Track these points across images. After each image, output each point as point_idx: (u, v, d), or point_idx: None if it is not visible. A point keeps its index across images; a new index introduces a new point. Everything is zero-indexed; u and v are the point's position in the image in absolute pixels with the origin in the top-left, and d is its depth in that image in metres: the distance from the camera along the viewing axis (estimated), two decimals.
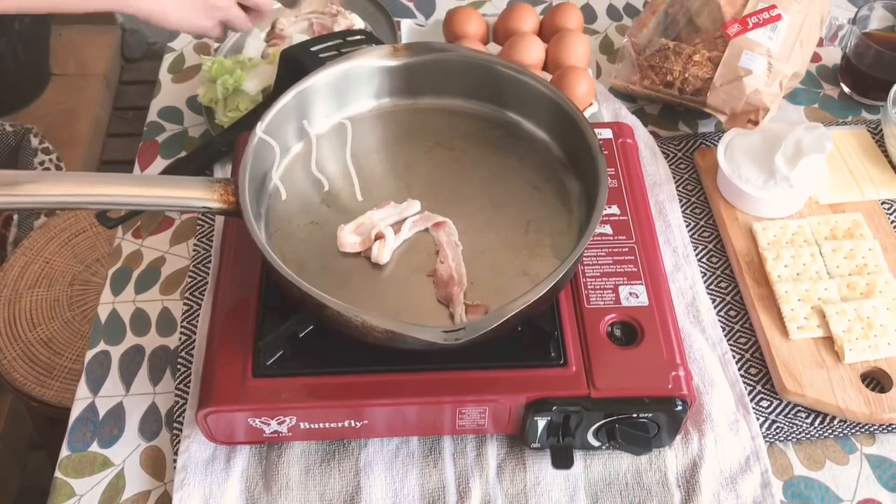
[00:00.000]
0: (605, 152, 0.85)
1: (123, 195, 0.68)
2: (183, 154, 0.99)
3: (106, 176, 0.68)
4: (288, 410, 0.69)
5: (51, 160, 1.80)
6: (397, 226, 0.74)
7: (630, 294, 0.74)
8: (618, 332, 0.73)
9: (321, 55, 0.96)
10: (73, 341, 1.21)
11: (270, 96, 0.95)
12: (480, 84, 0.81)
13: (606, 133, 0.86)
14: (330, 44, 0.97)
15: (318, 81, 0.77)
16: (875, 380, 0.79)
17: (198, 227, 0.91)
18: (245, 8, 0.93)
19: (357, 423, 0.71)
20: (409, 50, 0.80)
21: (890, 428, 0.77)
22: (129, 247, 0.91)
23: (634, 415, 0.69)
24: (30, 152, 1.79)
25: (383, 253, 0.72)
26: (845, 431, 0.77)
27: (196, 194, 0.69)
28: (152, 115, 1.03)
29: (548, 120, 0.79)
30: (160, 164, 0.98)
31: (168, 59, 1.10)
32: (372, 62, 0.80)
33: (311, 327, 0.71)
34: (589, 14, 1.15)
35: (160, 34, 2.42)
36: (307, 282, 0.64)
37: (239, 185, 0.68)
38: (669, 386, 0.69)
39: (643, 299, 0.74)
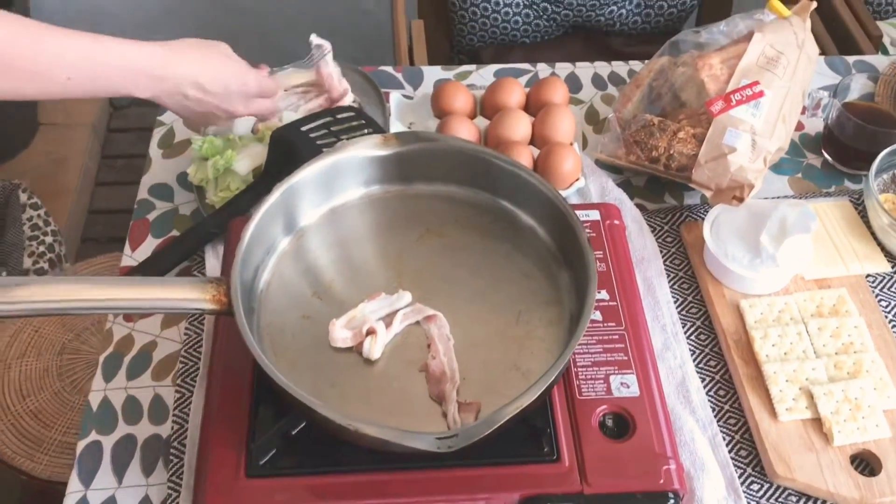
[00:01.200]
0: (593, 234, 0.86)
1: (114, 300, 0.69)
2: (174, 233, 0.99)
3: (97, 280, 0.69)
4: None
5: (39, 215, 1.79)
6: (388, 319, 0.75)
7: (621, 384, 0.75)
8: (609, 423, 0.74)
9: (311, 134, 0.97)
10: (62, 413, 1.20)
11: (261, 177, 0.96)
12: (470, 172, 0.83)
13: (594, 214, 0.87)
14: (320, 122, 0.98)
15: (307, 175, 0.78)
16: (864, 462, 0.80)
17: None
18: None
19: None
20: (399, 139, 0.82)
21: None
22: (120, 331, 0.91)
23: None
24: (18, 208, 1.78)
25: (374, 349, 0.73)
26: None
27: (188, 296, 0.70)
28: (143, 193, 1.04)
29: (537, 209, 0.80)
30: (151, 242, 0.99)
31: (158, 133, 1.11)
32: (361, 152, 0.81)
33: (304, 424, 0.71)
34: (574, 83, 1.17)
35: None
36: (298, 379, 0.65)
37: (231, 287, 0.69)
38: (661, 481, 0.70)
39: (634, 389, 0.75)
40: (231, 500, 0.68)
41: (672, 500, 0.69)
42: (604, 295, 0.81)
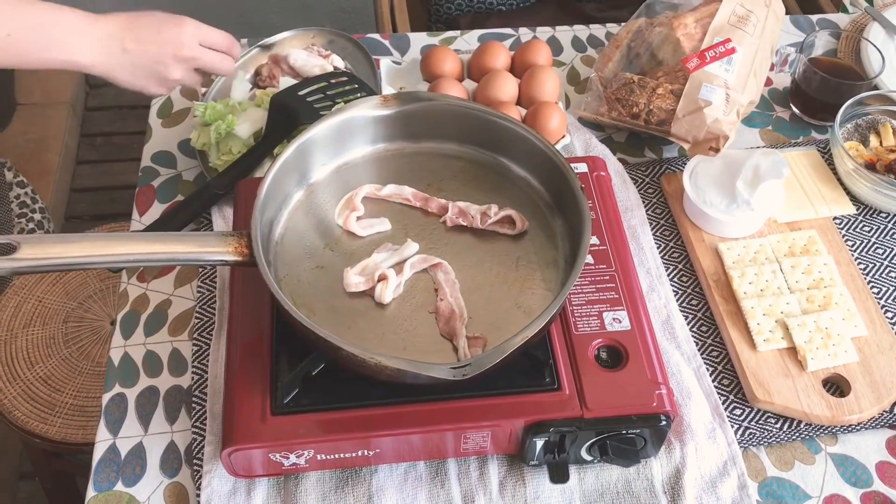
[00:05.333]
0: (582, 186, 0.91)
1: (142, 253, 0.73)
2: (179, 198, 1.03)
3: (126, 236, 0.73)
4: (306, 444, 0.74)
5: (26, 193, 1.81)
6: (398, 267, 0.80)
7: (614, 319, 0.81)
8: (604, 356, 0.80)
9: (308, 98, 1.02)
10: (72, 377, 1.24)
11: (262, 140, 1.00)
12: (467, 128, 0.88)
13: (582, 167, 0.93)
14: (316, 87, 1.03)
15: (318, 133, 0.83)
16: (835, 385, 0.87)
17: (200, 270, 0.95)
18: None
19: (369, 452, 0.77)
20: (399, 99, 0.86)
21: (850, 429, 0.85)
22: (135, 291, 0.95)
23: (623, 431, 0.76)
24: (5, 186, 1.80)
25: (386, 293, 0.78)
26: (811, 434, 0.85)
27: (211, 248, 0.74)
28: (146, 161, 1.08)
29: (531, 162, 0.86)
30: (158, 207, 1.03)
31: (156, 104, 1.14)
32: (365, 112, 0.85)
33: (323, 365, 0.77)
34: (555, 46, 1.22)
35: None
36: (317, 323, 0.70)
37: (252, 239, 0.73)
38: (654, 404, 0.76)
39: (626, 324, 0.81)
40: (260, 436, 0.73)
41: (664, 422, 0.76)
42: (594, 240, 0.87)
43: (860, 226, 1.01)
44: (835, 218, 1.01)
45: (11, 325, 1.28)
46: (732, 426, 0.84)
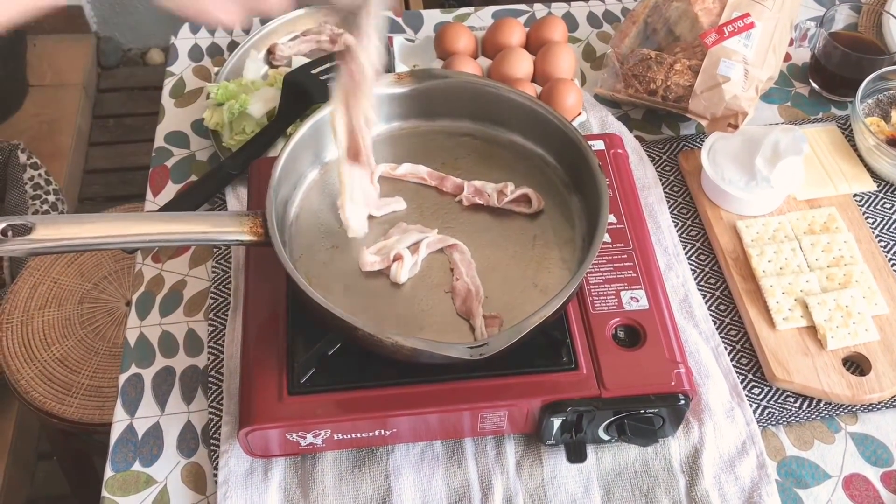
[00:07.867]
0: (600, 163, 0.90)
1: (157, 233, 0.72)
2: (193, 178, 1.03)
3: (141, 216, 0.73)
4: (323, 424, 0.74)
5: (39, 175, 1.81)
6: (414, 247, 0.80)
7: (631, 298, 0.80)
8: (622, 335, 0.79)
9: (322, 77, 1.01)
10: (88, 358, 1.25)
11: (275, 119, 0.99)
12: (482, 106, 0.87)
13: (599, 145, 0.92)
14: (329, 65, 1.02)
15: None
16: (855, 364, 0.86)
17: (215, 250, 0.95)
18: None
19: (386, 432, 0.76)
20: (413, 77, 0.85)
21: (870, 407, 0.84)
22: (149, 271, 0.95)
23: (641, 411, 0.75)
24: (18, 168, 1.80)
25: (401, 273, 0.78)
26: (830, 413, 0.84)
27: (227, 228, 0.74)
28: (159, 141, 1.07)
29: (547, 139, 0.85)
30: (172, 188, 1.02)
31: (168, 84, 1.14)
32: (380, 90, 0.84)
33: (339, 345, 0.76)
34: (570, 22, 1.21)
35: (135, 41, 2.43)
36: (333, 302, 0.70)
37: (268, 219, 0.73)
38: (672, 383, 0.75)
39: (643, 303, 0.80)
40: (277, 416, 0.73)
41: (682, 401, 0.75)
42: (612, 218, 0.86)
43: (881, 203, 0.99)
44: (855, 195, 0.99)
45: (27, 307, 1.28)
46: (751, 405, 0.84)
